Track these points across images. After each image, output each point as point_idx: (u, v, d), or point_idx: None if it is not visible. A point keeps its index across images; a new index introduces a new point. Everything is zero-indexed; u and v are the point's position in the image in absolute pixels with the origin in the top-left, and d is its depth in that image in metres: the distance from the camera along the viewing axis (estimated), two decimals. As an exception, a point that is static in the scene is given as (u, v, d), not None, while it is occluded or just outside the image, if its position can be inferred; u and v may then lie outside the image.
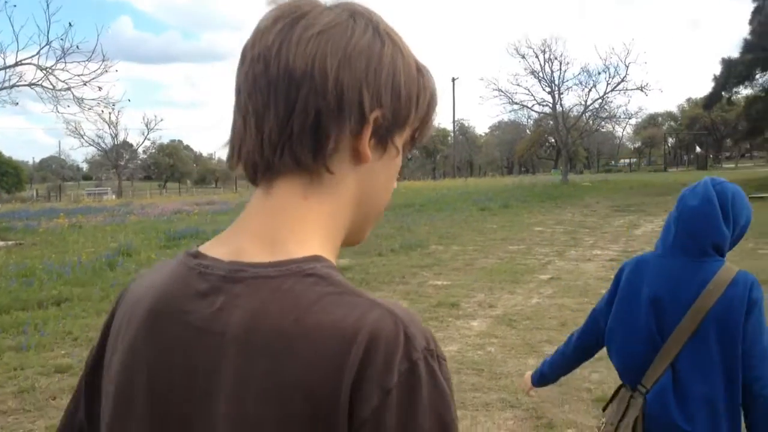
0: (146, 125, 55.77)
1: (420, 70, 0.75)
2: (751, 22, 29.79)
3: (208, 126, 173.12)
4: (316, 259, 0.68)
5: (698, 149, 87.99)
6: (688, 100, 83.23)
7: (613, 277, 2.16)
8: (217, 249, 0.72)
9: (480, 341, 6.30)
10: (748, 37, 29.87)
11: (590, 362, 2.41)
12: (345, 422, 0.59)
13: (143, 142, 59.53)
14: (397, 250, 12.21)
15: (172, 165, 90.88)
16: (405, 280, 9.38)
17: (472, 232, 15.37)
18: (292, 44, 0.67)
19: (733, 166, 70.28)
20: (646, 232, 14.66)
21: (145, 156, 78.23)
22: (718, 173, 51.49)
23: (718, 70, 31.51)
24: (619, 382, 2.09)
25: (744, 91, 34.41)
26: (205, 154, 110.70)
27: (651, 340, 1.93)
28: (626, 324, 2.00)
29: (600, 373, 5.05)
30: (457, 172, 68.56)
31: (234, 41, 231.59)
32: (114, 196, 49.81)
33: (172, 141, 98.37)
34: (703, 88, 36.59)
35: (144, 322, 0.72)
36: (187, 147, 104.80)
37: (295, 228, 0.70)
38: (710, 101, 34.41)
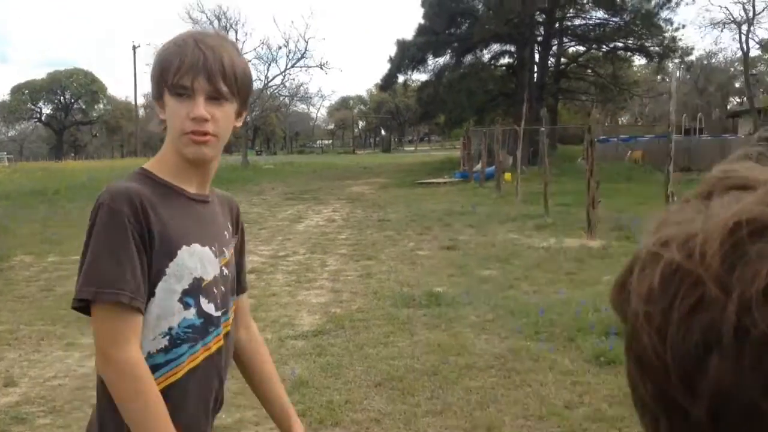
0: None
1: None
2: (423, 5, 30.29)
3: None
4: (141, 169, 1.42)
5: (383, 132, 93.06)
6: (376, 84, 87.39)
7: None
8: None
9: None
10: (422, 20, 30.46)
11: None
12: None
13: None
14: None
15: None
16: None
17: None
18: None
19: (413, 149, 75.21)
20: (309, 227, 12.71)
21: None
22: (399, 155, 54.11)
23: (394, 51, 31.72)
24: None
25: (418, 76, 35.41)
26: None
27: None
28: None
29: None
30: (145, 150, 62.27)
31: None
32: None
33: None
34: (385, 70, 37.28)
35: None
36: None
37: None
38: (387, 83, 34.64)
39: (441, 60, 32.90)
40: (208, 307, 1.41)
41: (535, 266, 8.08)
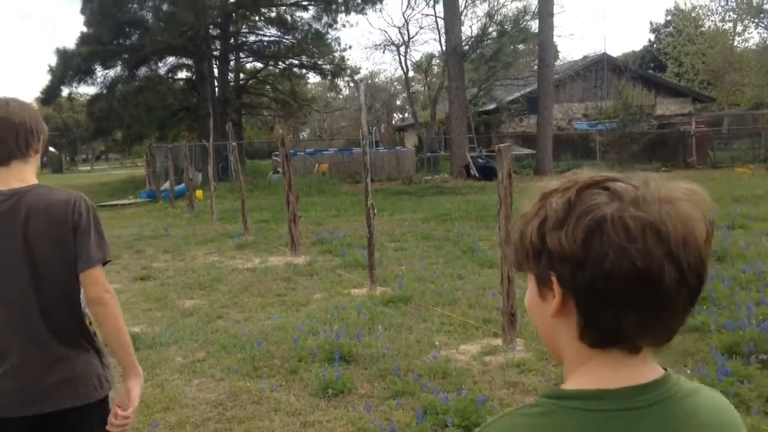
0: None
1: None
2: (83, 11, 27.51)
3: None
4: (38, 183, 2.04)
5: (53, 150, 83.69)
6: (36, 98, 77.90)
7: None
8: None
9: None
10: (84, 28, 27.67)
11: None
12: (72, 228, 1.98)
13: None
14: None
15: None
16: None
17: None
18: None
19: (89, 168, 68.96)
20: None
21: None
22: (73, 176, 48.88)
23: (55, 61, 28.29)
24: None
25: (87, 89, 32.08)
26: None
27: None
28: None
29: None
30: None
31: None
32: None
33: None
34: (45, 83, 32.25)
35: None
36: None
37: (26, 176, 2.03)
38: (49, 96, 30.61)
39: (111, 72, 30.38)
40: None
41: (242, 290, 7.51)
